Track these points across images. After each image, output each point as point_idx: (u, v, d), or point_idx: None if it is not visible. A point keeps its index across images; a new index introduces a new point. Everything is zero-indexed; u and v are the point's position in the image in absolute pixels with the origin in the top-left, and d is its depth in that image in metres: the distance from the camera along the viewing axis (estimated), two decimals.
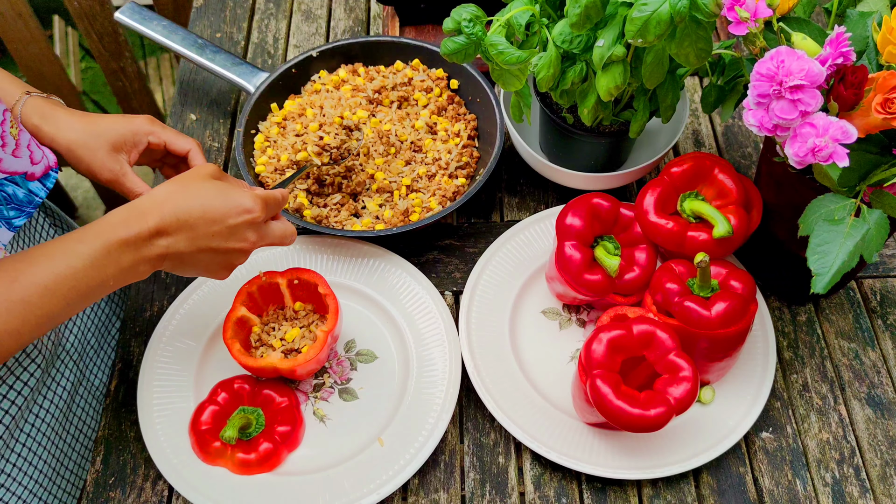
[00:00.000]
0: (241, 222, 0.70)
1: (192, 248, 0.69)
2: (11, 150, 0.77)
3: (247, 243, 0.72)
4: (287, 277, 0.85)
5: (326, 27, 1.23)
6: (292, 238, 0.78)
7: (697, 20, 0.68)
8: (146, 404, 0.83)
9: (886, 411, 0.85)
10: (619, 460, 0.80)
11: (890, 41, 0.64)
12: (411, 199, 0.94)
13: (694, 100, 1.11)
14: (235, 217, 0.70)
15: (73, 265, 0.63)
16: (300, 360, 0.81)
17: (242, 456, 0.79)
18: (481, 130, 1.02)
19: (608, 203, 0.84)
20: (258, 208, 0.71)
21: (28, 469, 0.82)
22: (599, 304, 0.89)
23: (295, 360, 0.81)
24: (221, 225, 0.69)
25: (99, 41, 1.73)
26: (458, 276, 0.95)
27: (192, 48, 1.05)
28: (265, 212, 0.73)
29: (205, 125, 1.11)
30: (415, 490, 0.82)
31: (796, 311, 0.92)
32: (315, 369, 0.85)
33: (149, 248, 0.67)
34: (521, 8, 0.78)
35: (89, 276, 0.64)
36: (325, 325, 0.83)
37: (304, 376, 0.85)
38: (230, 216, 0.70)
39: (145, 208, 0.67)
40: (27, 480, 0.83)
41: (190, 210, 0.68)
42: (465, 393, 0.87)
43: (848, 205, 0.66)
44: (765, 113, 0.65)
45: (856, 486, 0.81)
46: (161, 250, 0.67)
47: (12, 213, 0.78)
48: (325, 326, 0.83)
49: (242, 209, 0.70)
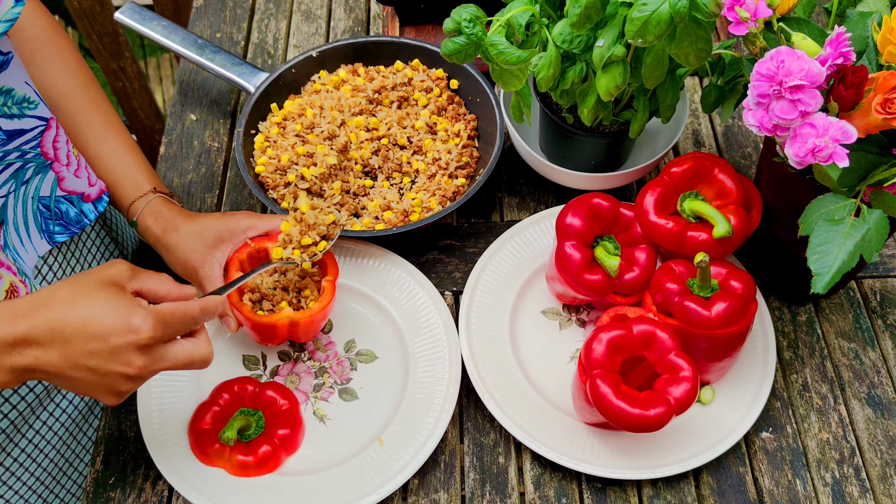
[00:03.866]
0: (123, 343, 0.61)
1: (65, 364, 0.60)
2: (74, 169, 0.79)
3: (131, 368, 0.62)
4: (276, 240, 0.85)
5: (326, 27, 1.23)
6: (205, 361, 0.67)
7: (697, 20, 0.68)
8: (146, 404, 0.83)
9: (886, 411, 0.85)
10: (619, 460, 0.80)
11: (890, 41, 0.64)
12: (411, 198, 0.94)
13: (694, 100, 1.11)
14: (119, 337, 0.60)
15: None
16: (315, 309, 0.82)
17: (241, 458, 0.79)
18: (481, 130, 1.02)
19: (608, 203, 0.84)
20: (147, 328, 0.61)
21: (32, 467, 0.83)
22: (599, 304, 0.89)
23: (310, 311, 0.82)
24: (102, 343, 0.60)
25: (99, 41, 1.73)
26: (458, 276, 0.95)
27: (192, 48, 1.05)
28: (159, 332, 0.62)
29: (205, 125, 1.11)
30: (415, 490, 0.82)
31: (796, 311, 0.92)
32: (322, 324, 0.85)
33: (13, 357, 0.60)
34: (521, 8, 0.78)
35: None
36: (328, 276, 0.84)
37: (313, 333, 0.86)
38: (113, 334, 0.60)
39: (20, 311, 0.60)
40: (31, 479, 0.83)
41: (67, 321, 0.60)
42: (465, 393, 0.87)
43: (848, 205, 0.66)
44: (765, 113, 0.65)
45: (856, 486, 0.81)
46: (29, 361, 0.60)
47: (57, 228, 0.80)
48: (329, 276, 0.84)
49: (127, 328, 0.61)
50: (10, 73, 0.70)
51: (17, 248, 0.75)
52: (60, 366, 0.61)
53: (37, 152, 0.74)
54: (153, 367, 0.63)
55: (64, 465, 0.88)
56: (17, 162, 0.73)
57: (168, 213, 0.85)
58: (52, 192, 0.77)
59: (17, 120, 0.71)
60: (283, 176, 0.95)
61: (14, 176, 0.73)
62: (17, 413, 0.79)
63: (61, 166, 0.78)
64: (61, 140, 0.77)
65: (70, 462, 0.89)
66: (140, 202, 0.85)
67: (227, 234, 0.84)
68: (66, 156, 0.78)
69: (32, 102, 0.73)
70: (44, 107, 0.75)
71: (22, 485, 0.83)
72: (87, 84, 0.86)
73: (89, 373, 0.61)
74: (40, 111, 0.74)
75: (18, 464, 0.82)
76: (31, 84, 0.73)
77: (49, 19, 0.85)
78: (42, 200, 0.76)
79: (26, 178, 0.74)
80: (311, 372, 0.88)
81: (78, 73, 0.86)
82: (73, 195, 0.80)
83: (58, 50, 0.84)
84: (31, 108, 0.73)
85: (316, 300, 0.84)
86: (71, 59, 0.86)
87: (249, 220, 0.85)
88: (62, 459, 0.87)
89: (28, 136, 0.73)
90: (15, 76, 0.71)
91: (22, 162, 0.73)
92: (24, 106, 0.72)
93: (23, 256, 0.76)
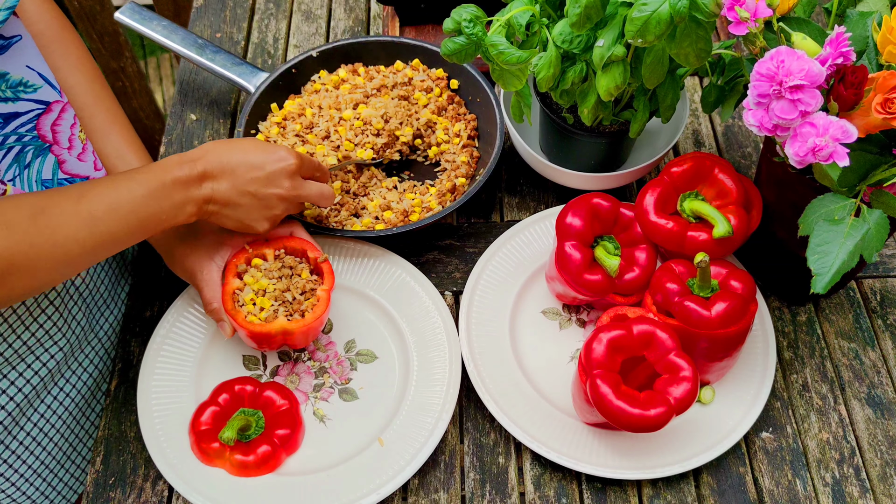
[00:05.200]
0: (277, 169, 0.78)
1: (234, 191, 0.76)
2: (77, 153, 0.79)
3: (283, 189, 0.78)
4: (273, 248, 0.85)
5: (326, 27, 1.23)
6: (330, 199, 0.84)
7: (697, 20, 0.68)
8: (146, 404, 0.83)
9: (886, 411, 0.85)
10: (619, 460, 0.80)
11: (890, 41, 0.64)
12: (411, 198, 0.94)
13: (694, 100, 1.11)
14: (272, 164, 0.78)
15: (134, 192, 0.70)
16: (309, 320, 0.82)
17: (241, 458, 0.79)
18: (481, 130, 1.02)
19: (608, 203, 0.84)
20: (293, 158, 0.79)
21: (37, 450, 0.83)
22: (599, 304, 0.89)
23: (304, 321, 0.82)
24: (260, 171, 0.77)
25: (99, 41, 1.73)
26: (458, 276, 0.95)
27: (192, 48, 1.05)
28: (300, 164, 0.80)
29: (205, 125, 1.11)
30: (415, 490, 0.82)
31: (796, 311, 0.92)
32: (318, 332, 0.85)
33: (197, 190, 0.74)
34: (521, 8, 0.78)
35: (147, 205, 0.71)
36: (324, 285, 0.84)
37: (308, 340, 0.86)
38: (268, 164, 0.77)
39: (195, 157, 0.75)
40: (28, 472, 0.83)
41: (232, 158, 0.76)
42: (465, 393, 0.87)
43: (848, 205, 0.66)
44: (765, 113, 0.65)
45: (856, 486, 0.81)
46: (207, 192, 0.75)
47: None
48: (325, 285, 0.84)
49: (278, 157, 0.78)
50: (8, 57, 0.70)
51: None
52: (230, 193, 0.76)
53: (33, 135, 0.75)
54: (298, 191, 0.80)
55: (68, 450, 0.89)
56: (16, 146, 0.73)
57: None
58: (55, 175, 0.78)
59: (11, 103, 0.72)
60: None
61: (16, 160, 0.73)
62: (22, 396, 0.80)
63: (61, 149, 0.78)
64: (63, 124, 0.78)
65: (74, 447, 0.90)
66: None
67: (226, 237, 0.84)
68: (69, 139, 0.78)
69: (31, 86, 0.73)
70: (47, 90, 0.75)
71: (27, 468, 0.83)
72: (91, 80, 0.87)
73: (251, 197, 0.77)
74: (40, 95, 0.74)
75: (23, 447, 0.83)
76: (34, 68, 0.74)
77: (56, 14, 0.86)
78: (45, 183, 0.77)
79: (27, 162, 0.75)
80: (311, 372, 0.88)
81: (83, 69, 0.86)
82: (76, 178, 0.80)
83: (63, 46, 0.85)
84: (29, 92, 0.73)
85: (311, 309, 0.83)
86: (76, 54, 0.86)
87: None
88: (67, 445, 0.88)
89: (23, 118, 0.73)
90: (15, 61, 0.71)
91: (21, 146, 0.74)
92: (19, 90, 0.72)
93: None
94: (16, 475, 0.83)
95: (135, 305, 0.94)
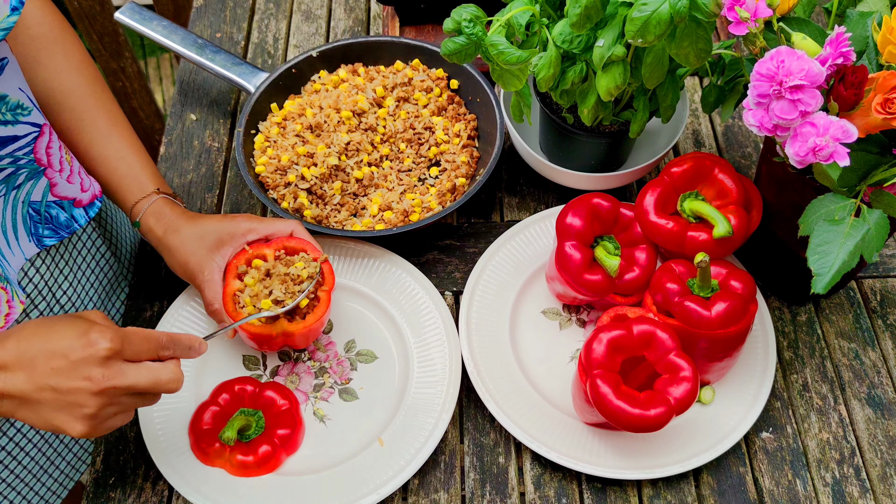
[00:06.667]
0: (84, 356, 0.61)
1: (30, 386, 0.61)
2: (67, 175, 0.79)
3: (92, 382, 0.61)
4: (273, 248, 0.85)
5: (326, 27, 1.23)
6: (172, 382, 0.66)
7: (697, 20, 0.68)
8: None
9: (886, 411, 0.85)
10: (619, 460, 0.80)
11: (890, 41, 0.64)
12: (411, 198, 0.94)
13: (694, 100, 1.11)
14: (78, 351, 0.61)
15: None
16: (309, 321, 0.82)
17: (241, 458, 0.79)
18: (481, 130, 1.02)
19: (608, 203, 0.84)
20: (105, 341, 0.62)
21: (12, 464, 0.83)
22: (599, 304, 0.89)
23: (304, 322, 0.82)
24: (63, 360, 0.61)
25: (99, 41, 1.73)
26: (458, 276, 0.95)
27: (192, 48, 1.05)
28: (118, 344, 0.63)
29: (205, 125, 1.11)
30: (415, 490, 0.82)
31: (796, 311, 0.92)
32: (318, 333, 0.85)
33: None
34: (521, 8, 0.78)
35: None
36: (324, 286, 0.84)
37: (309, 341, 0.86)
38: (73, 350, 0.61)
39: None
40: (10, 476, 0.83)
41: (32, 345, 0.61)
42: (465, 393, 0.87)
43: (848, 205, 0.66)
44: (765, 113, 0.65)
45: (856, 486, 0.81)
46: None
47: (47, 231, 0.80)
48: (325, 286, 0.84)
49: (86, 342, 0.61)
50: (4, 79, 0.70)
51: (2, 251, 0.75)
52: (25, 387, 0.61)
53: (30, 158, 0.74)
54: (113, 380, 0.62)
55: (62, 450, 0.88)
56: (9, 168, 0.73)
57: (170, 215, 0.85)
58: (44, 198, 0.77)
59: (10, 126, 0.71)
60: (284, 176, 0.95)
61: (5, 181, 0.73)
62: None
63: (54, 172, 0.78)
64: (54, 146, 0.77)
65: (69, 447, 0.89)
66: (143, 203, 0.85)
67: (227, 237, 0.84)
68: (60, 161, 0.78)
69: (26, 108, 0.73)
70: (37, 113, 0.75)
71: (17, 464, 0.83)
72: (92, 83, 0.86)
73: (53, 392, 0.61)
74: (34, 117, 0.74)
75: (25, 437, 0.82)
76: (25, 90, 0.73)
77: (56, 17, 0.85)
78: (33, 205, 0.76)
79: (17, 184, 0.74)
80: (311, 372, 0.88)
81: (84, 72, 0.85)
82: (64, 200, 0.79)
83: (64, 48, 0.84)
84: (25, 115, 0.73)
85: (312, 311, 0.83)
86: (77, 57, 0.85)
87: (250, 224, 0.85)
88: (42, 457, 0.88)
89: (21, 142, 0.73)
90: (9, 82, 0.71)
91: (14, 168, 0.73)
92: (17, 112, 0.72)
93: (8, 260, 0.75)
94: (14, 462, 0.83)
95: (135, 305, 0.94)
